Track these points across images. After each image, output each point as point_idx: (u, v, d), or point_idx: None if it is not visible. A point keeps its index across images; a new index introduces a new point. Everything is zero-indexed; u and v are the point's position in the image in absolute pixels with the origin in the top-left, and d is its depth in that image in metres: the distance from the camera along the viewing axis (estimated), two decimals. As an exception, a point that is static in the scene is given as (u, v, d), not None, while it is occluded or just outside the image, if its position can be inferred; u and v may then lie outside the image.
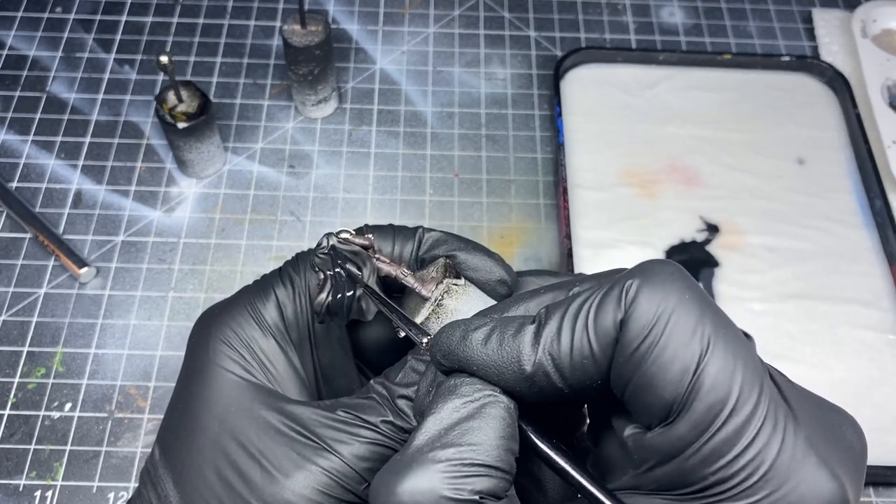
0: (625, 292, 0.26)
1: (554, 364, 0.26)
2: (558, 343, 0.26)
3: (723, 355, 0.24)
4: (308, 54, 0.61)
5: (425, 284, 0.34)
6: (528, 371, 0.26)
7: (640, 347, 0.25)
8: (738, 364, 0.25)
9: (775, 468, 0.24)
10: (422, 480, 0.25)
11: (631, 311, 0.25)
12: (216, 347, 0.35)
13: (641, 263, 0.27)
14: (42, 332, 0.56)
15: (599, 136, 0.66)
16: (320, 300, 0.34)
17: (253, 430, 0.33)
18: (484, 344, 0.27)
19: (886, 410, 0.54)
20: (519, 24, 0.74)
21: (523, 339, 0.27)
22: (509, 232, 0.62)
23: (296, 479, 0.32)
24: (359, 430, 0.33)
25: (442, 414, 0.27)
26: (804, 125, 0.67)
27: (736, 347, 0.25)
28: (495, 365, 0.27)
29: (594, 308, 0.26)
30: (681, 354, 0.24)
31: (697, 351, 0.24)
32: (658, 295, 0.25)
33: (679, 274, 0.26)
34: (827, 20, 0.75)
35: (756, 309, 0.58)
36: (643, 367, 0.25)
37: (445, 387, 0.28)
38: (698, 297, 0.26)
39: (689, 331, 0.25)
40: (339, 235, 0.35)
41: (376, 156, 0.66)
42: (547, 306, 0.27)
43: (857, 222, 0.62)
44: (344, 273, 0.34)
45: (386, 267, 0.35)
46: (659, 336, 0.25)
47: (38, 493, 0.50)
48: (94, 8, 0.73)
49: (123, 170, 0.64)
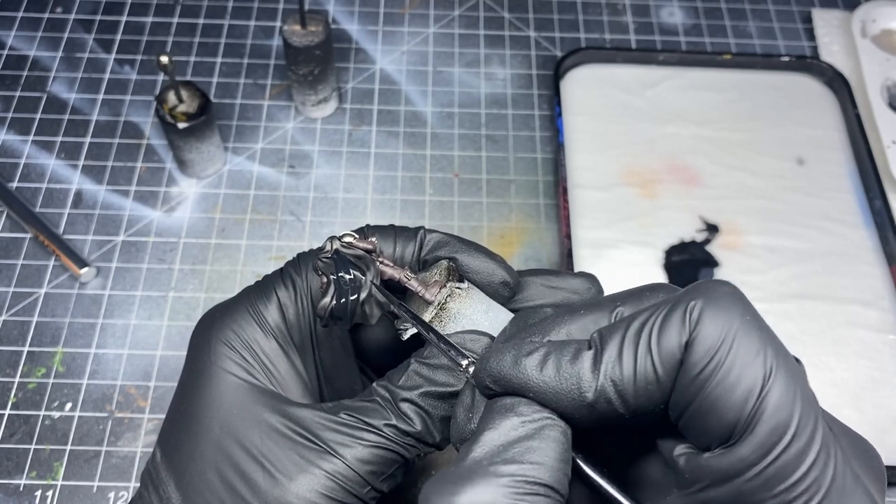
0: (689, 313, 0.25)
1: (616, 390, 0.26)
2: (620, 368, 0.26)
3: (785, 380, 0.24)
4: (308, 54, 0.61)
5: (429, 288, 0.34)
6: (589, 398, 0.26)
7: (706, 369, 0.25)
8: (798, 390, 0.25)
9: (830, 495, 0.24)
10: (483, 493, 0.25)
11: (697, 332, 0.25)
12: (218, 350, 0.35)
13: (698, 284, 0.27)
14: (42, 331, 0.56)
15: (599, 136, 0.66)
16: (324, 304, 0.34)
17: (256, 432, 0.33)
18: (540, 370, 0.27)
19: (886, 410, 0.54)
20: (519, 24, 0.74)
21: (582, 365, 0.26)
22: (509, 232, 0.62)
23: (299, 482, 0.32)
24: (362, 434, 0.33)
25: (501, 430, 0.26)
26: (804, 125, 0.67)
27: (795, 373, 0.25)
28: (553, 391, 0.26)
29: (657, 329, 0.26)
30: (746, 377, 0.24)
31: (762, 374, 0.24)
32: (722, 316, 0.25)
33: (738, 295, 0.26)
34: (827, 20, 0.75)
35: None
36: (707, 388, 0.25)
37: (501, 405, 0.27)
38: (758, 319, 0.26)
39: (754, 353, 0.25)
40: (343, 239, 0.35)
41: (376, 156, 0.66)
42: (600, 331, 0.27)
43: (856, 222, 0.62)
44: (348, 277, 0.34)
45: (389, 270, 0.35)
46: (724, 358, 0.25)
47: (38, 492, 0.50)
48: (95, 8, 0.73)
49: (124, 170, 0.64)
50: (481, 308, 0.34)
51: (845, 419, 0.54)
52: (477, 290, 0.35)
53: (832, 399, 0.55)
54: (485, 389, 0.28)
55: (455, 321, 0.34)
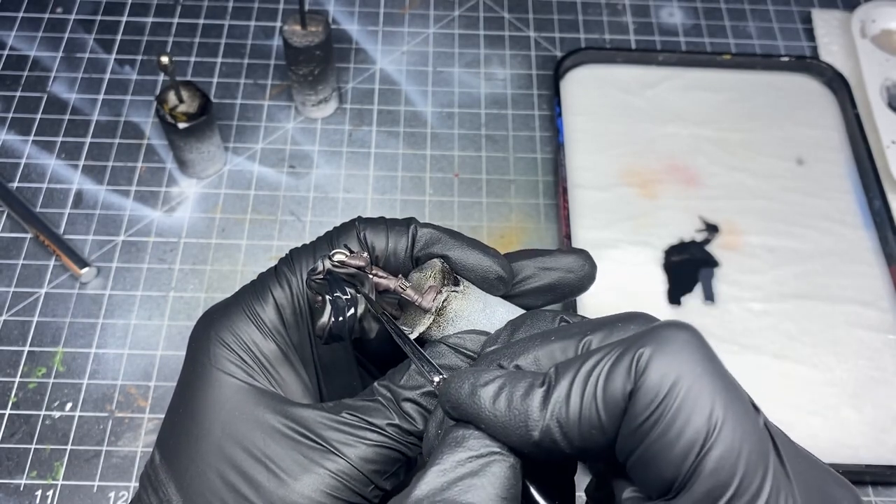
0: (636, 361, 0.25)
1: (561, 431, 0.26)
2: (567, 409, 0.25)
3: (730, 436, 0.24)
4: (308, 55, 0.61)
5: (424, 295, 0.34)
6: (535, 437, 0.26)
7: (647, 421, 0.24)
8: (745, 446, 0.24)
9: None
10: None
11: (640, 382, 0.25)
12: (216, 351, 0.35)
13: (654, 328, 0.26)
14: (43, 331, 0.56)
15: (599, 136, 0.66)
16: (322, 324, 0.33)
17: (258, 433, 0.33)
18: (493, 402, 0.27)
19: (886, 410, 0.54)
20: (519, 24, 0.74)
21: (532, 402, 0.26)
22: (509, 232, 0.62)
23: (304, 482, 0.33)
24: (364, 433, 0.33)
25: (445, 465, 0.26)
26: (804, 125, 0.68)
27: (744, 427, 0.24)
28: (503, 425, 0.26)
29: (604, 375, 0.25)
30: (687, 433, 0.24)
31: (704, 431, 0.24)
32: (670, 366, 0.24)
33: (693, 342, 0.25)
34: (826, 20, 0.75)
35: (756, 309, 0.58)
36: (647, 441, 0.24)
37: (452, 437, 0.27)
38: (710, 369, 0.25)
39: (698, 408, 0.24)
40: (334, 259, 0.34)
41: (376, 156, 0.66)
42: (557, 366, 0.27)
43: (856, 222, 0.62)
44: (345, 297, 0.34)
45: (384, 282, 0.34)
46: (667, 411, 0.24)
47: (38, 492, 0.50)
48: (95, 8, 0.73)
49: (124, 170, 0.64)
50: (478, 307, 0.34)
51: (844, 419, 0.54)
52: (472, 287, 0.35)
53: (832, 399, 0.55)
54: (446, 413, 0.29)
55: (454, 323, 0.34)
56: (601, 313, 0.61)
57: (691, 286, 0.59)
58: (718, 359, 0.26)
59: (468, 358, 0.34)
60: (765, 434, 0.25)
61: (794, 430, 0.53)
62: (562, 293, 0.37)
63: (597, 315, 0.62)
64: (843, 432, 0.53)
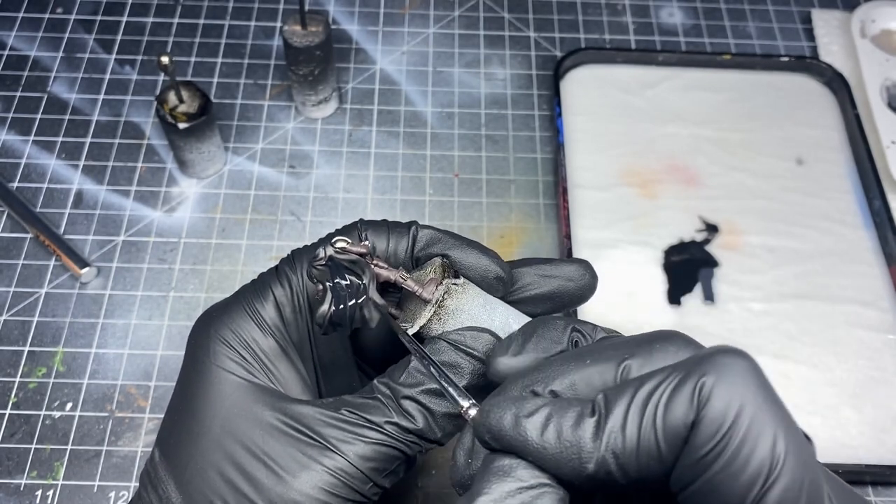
0: (698, 390, 0.24)
1: (617, 462, 0.25)
2: (623, 440, 0.25)
3: (792, 470, 0.23)
4: (308, 55, 0.61)
5: (425, 287, 0.34)
6: (590, 469, 0.25)
7: (711, 453, 0.24)
8: (806, 480, 0.24)
9: None
10: None
11: (705, 412, 0.24)
12: (216, 349, 0.35)
13: (713, 354, 0.25)
14: (43, 331, 0.56)
15: (599, 136, 0.66)
16: (322, 312, 0.33)
17: (257, 431, 0.33)
18: (540, 433, 0.26)
19: (886, 410, 0.54)
20: (519, 24, 0.74)
21: (584, 432, 0.25)
22: (509, 232, 0.62)
23: (302, 479, 0.33)
24: (363, 431, 0.33)
25: (494, 496, 0.25)
26: (803, 125, 0.68)
27: (805, 458, 0.24)
28: (553, 458, 0.25)
29: (663, 403, 0.24)
30: (752, 465, 0.23)
31: (769, 463, 0.23)
32: (734, 396, 0.24)
33: (754, 371, 0.25)
34: (826, 20, 0.75)
35: (756, 309, 0.58)
36: (710, 472, 0.24)
37: (498, 465, 0.26)
38: (770, 398, 0.24)
39: (763, 439, 0.24)
40: (336, 245, 0.34)
41: (376, 156, 0.66)
42: (606, 393, 0.26)
43: (856, 222, 0.62)
44: (345, 283, 0.33)
45: (385, 272, 0.34)
46: (732, 443, 0.23)
47: (38, 492, 0.50)
48: (95, 8, 0.73)
49: (124, 170, 0.64)
50: (479, 302, 0.34)
51: (844, 419, 0.54)
52: (472, 284, 0.35)
53: (831, 399, 0.55)
54: (484, 443, 0.28)
55: (454, 318, 0.34)
56: (601, 314, 0.62)
57: (691, 286, 0.59)
58: (773, 387, 0.25)
59: (468, 356, 0.34)
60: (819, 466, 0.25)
61: (793, 430, 0.53)
62: (561, 302, 0.37)
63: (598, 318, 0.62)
64: (843, 432, 0.53)
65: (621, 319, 0.57)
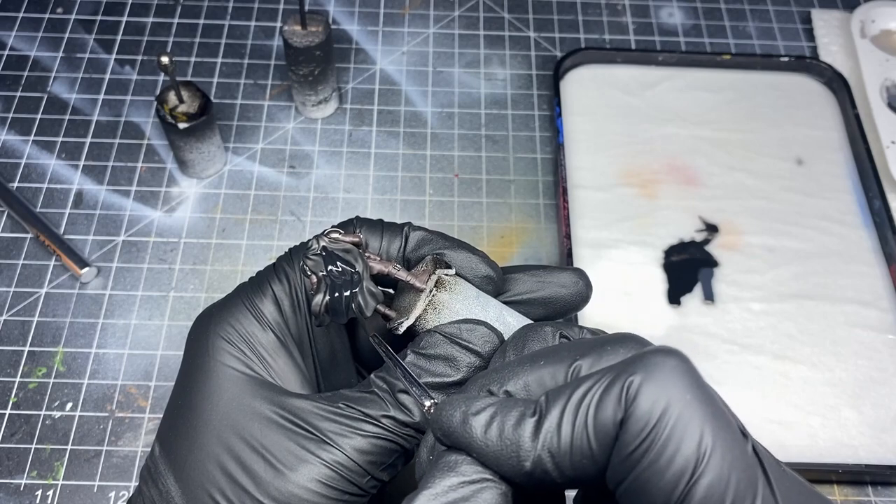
0: (625, 389, 0.25)
1: (553, 461, 0.26)
2: (558, 440, 0.25)
3: (719, 464, 0.24)
4: (308, 55, 0.61)
5: (418, 277, 0.35)
6: (527, 467, 0.26)
7: (637, 450, 0.24)
8: (734, 474, 0.24)
9: None
10: None
11: (631, 410, 0.25)
12: (216, 344, 0.36)
13: (644, 354, 0.26)
14: (43, 331, 0.56)
15: (599, 136, 0.66)
16: (317, 301, 0.33)
17: (255, 424, 0.34)
18: (484, 432, 0.27)
19: (885, 410, 0.54)
20: (519, 24, 0.74)
21: (523, 432, 0.26)
22: (509, 232, 0.62)
23: (300, 473, 0.33)
24: (360, 424, 0.33)
25: (437, 490, 0.26)
26: (803, 125, 0.68)
27: (733, 454, 0.24)
28: (494, 455, 0.26)
29: (594, 404, 0.25)
30: (677, 462, 0.24)
31: (693, 459, 0.24)
32: (658, 394, 0.25)
33: (682, 369, 0.25)
34: (826, 20, 0.75)
35: (755, 309, 0.58)
36: (638, 469, 0.24)
37: (444, 462, 0.27)
38: (699, 395, 0.25)
39: (688, 436, 0.24)
40: (329, 235, 0.35)
41: (376, 156, 0.66)
42: (548, 394, 0.27)
43: (856, 222, 0.63)
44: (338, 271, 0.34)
45: (377, 265, 0.35)
46: (657, 439, 0.24)
47: (38, 492, 0.50)
48: (95, 9, 0.73)
49: (124, 170, 0.64)
50: (472, 293, 0.35)
51: (844, 419, 0.54)
52: (463, 279, 0.35)
53: (831, 399, 0.55)
54: (437, 440, 0.29)
55: (449, 309, 0.34)
56: (601, 315, 0.62)
57: (691, 286, 0.59)
58: (707, 385, 0.26)
59: (464, 349, 0.34)
60: (754, 460, 0.25)
61: (793, 430, 0.54)
62: (554, 309, 0.37)
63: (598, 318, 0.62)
64: (843, 432, 0.53)
65: (621, 319, 0.57)
